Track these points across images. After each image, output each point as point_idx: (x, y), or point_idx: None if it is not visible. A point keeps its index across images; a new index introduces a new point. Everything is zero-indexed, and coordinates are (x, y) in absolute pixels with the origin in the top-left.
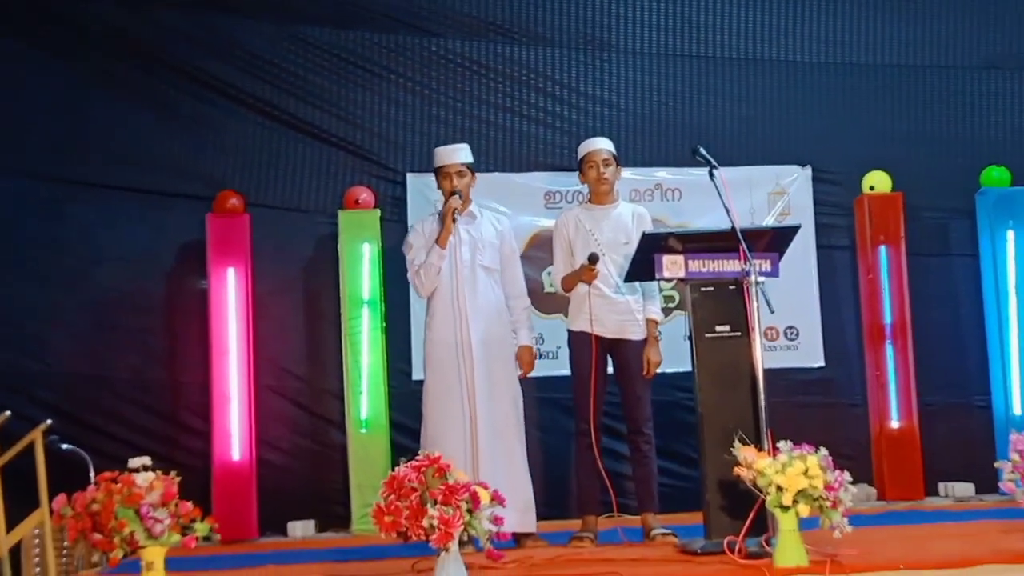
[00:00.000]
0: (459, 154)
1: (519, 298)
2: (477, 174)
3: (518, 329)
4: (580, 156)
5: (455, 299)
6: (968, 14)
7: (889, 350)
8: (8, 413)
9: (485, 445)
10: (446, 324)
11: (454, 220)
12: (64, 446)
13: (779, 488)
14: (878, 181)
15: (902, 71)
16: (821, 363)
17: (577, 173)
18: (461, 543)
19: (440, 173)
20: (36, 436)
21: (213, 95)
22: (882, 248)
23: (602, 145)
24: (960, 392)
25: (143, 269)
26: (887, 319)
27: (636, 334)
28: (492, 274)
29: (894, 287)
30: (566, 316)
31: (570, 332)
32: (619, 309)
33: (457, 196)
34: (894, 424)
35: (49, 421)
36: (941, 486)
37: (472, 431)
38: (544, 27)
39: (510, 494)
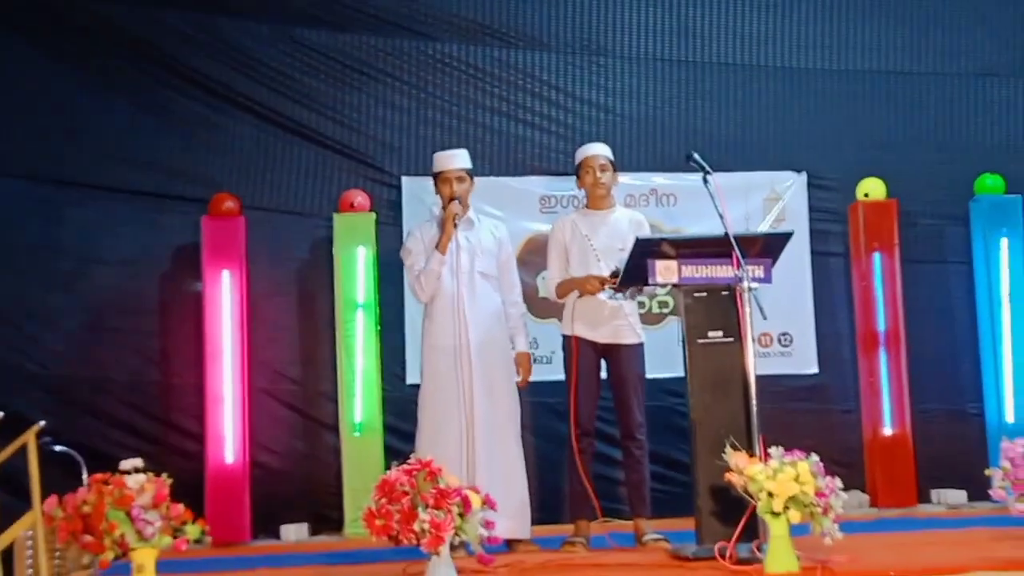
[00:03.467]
0: (458, 159)
1: (516, 304)
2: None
3: (515, 336)
4: (577, 161)
5: (455, 305)
6: (964, 21)
7: (883, 357)
8: (1, 414)
9: (482, 451)
10: (445, 330)
11: (455, 226)
12: (57, 448)
13: (770, 494)
14: (873, 188)
15: (898, 78)
16: (815, 370)
17: (574, 178)
18: (452, 547)
19: (439, 178)
20: (29, 437)
21: (209, 97)
22: (876, 255)
23: (599, 150)
24: (953, 399)
25: (138, 271)
26: (881, 326)
27: (630, 339)
28: (490, 280)
29: (888, 294)
30: (560, 321)
31: (564, 337)
32: (613, 314)
33: (457, 202)
34: (887, 431)
35: (42, 422)
36: (933, 493)
37: (469, 437)
38: (541, 32)
39: (506, 500)
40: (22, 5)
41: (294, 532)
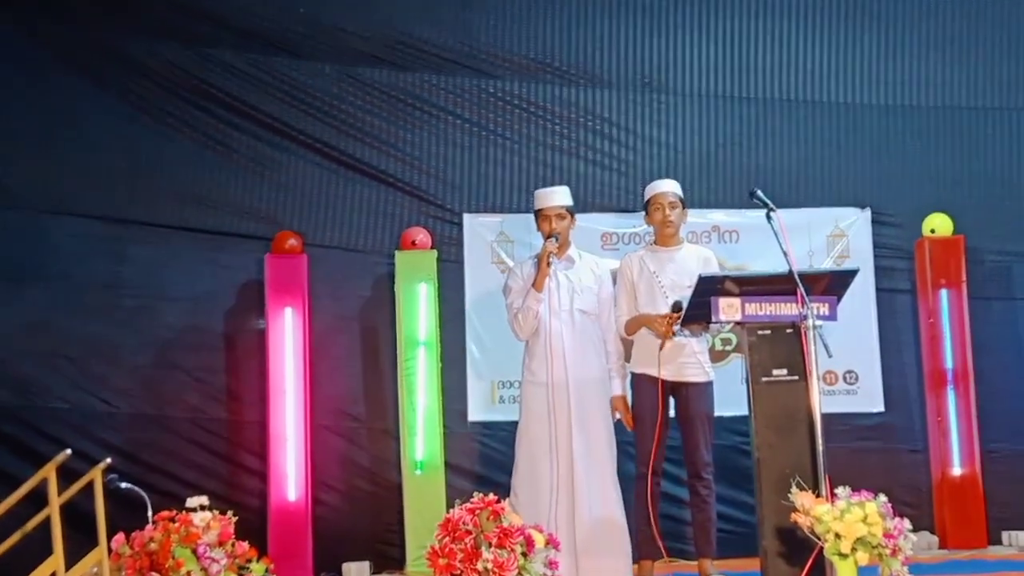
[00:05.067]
0: (558, 196)
1: (615, 342)
2: (532, 214)
3: (613, 378)
4: (646, 198)
5: (553, 343)
6: None
7: (951, 395)
8: (69, 451)
9: (580, 488)
10: (542, 368)
11: (548, 264)
12: (123, 485)
13: (837, 535)
14: (939, 224)
15: (962, 113)
16: (881, 408)
17: (639, 214)
18: None
19: (539, 215)
20: (96, 474)
21: (273, 136)
22: (943, 292)
23: (668, 187)
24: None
25: (202, 309)
26: (948, 364)
27: (699, 377)
28: (589, 317)
29: (955, 331)
30: (628, 359)
31: (632, 375)
32: (681, 352)
33: (553, 240)
34: (956, 471)
35: (109, 459)
36: (1004, 535)
37: (566, 474)
38: (602, 69)
39: (606, 539)
40: (87, 49)
41: (356, 570)
